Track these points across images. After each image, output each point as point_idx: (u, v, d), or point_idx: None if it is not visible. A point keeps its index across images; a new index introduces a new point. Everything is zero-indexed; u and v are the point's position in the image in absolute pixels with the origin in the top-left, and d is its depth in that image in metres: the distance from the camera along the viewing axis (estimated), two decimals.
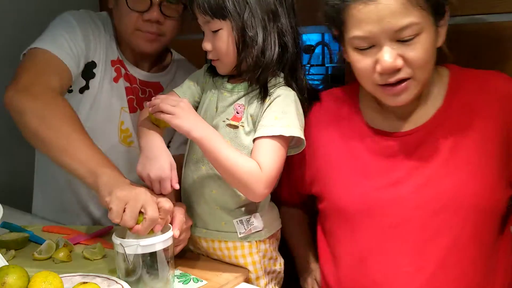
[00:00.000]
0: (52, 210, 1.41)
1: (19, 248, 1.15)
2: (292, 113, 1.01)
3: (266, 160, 0.99)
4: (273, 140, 0.99)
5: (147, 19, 1.19)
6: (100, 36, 1.27)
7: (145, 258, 0.92)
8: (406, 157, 1.00)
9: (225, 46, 1.02)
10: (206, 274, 1.05)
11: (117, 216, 0.90)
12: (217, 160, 0.98)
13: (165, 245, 0.93)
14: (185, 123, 0.97)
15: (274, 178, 1.00)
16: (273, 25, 1.01)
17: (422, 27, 0.91)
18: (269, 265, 1.12)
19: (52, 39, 1.19)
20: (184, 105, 0.98)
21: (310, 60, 1.69)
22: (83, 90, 1.27)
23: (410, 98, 0.97)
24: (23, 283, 0.82)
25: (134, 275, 0.92)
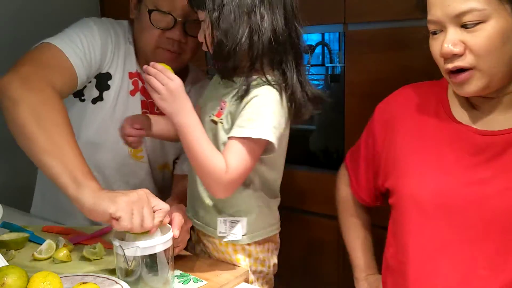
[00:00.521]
0: (51, 209, 1.40)
1: (19, 248, 1.15)
2: (266, 115, 0.98)
3: (232, 162, 0.97)
4: (242, 142, 0.97)
5: (169, 37, 1.17)
6: (120, 47, 1.24)
7: (145, 259, 0.92)
8: (493, 157, 0.94)
9: (206, 36, 1.01)
10: (206, 274, 1.05)
11: (130, 222, 0.88)
12: (189, 150, 0.97)
13: (165, 246, 0.93)
14: (168, 106, 0.95)
15: (238, 179, 1.00)
16: (247, 21, 0.98)
17: (487, 14, 0.87)
18: (255, 264, 1.12)
19: (68, 40, 1.16)
20: (174, 87, 0.95)
21: (310, 60, 1.68)
22: (95, 101, 1.25)
23: (476, 90, 0.92)
24: (22, 283, 0.82)
25: (134, 275, 0.92)
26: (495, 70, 0.90)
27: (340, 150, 1.58)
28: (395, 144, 1.07)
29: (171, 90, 0.95)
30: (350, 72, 1.53)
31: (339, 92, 1.57)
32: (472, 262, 0.94)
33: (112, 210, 0.87)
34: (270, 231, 1.14)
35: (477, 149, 0.96)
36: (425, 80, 1.38)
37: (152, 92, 0.95)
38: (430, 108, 1.05)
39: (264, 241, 1.13)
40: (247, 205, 1.08)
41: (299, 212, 1.69)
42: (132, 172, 1.30)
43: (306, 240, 1.70)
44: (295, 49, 1.05)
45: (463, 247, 0.95)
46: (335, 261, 1.63)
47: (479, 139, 0.96)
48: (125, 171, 1.29)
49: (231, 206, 1.08)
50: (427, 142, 1.02)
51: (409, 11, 1.39)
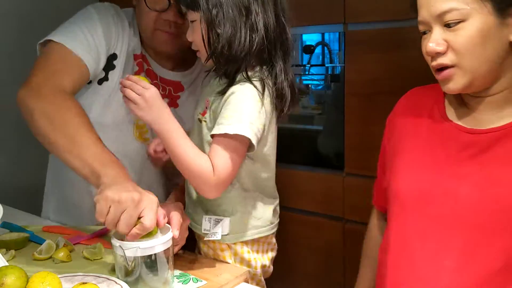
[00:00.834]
0: (65, 206, 1.40)
1: (19, 248, 1.15)
2: (242, 111, 0.99)
3: (219, 161, 0.99)
4: (223, 140, 0.99)
5: (166, 19, 1.19)
6: (124, 29, 1.26)
7: (144, 259, 0.92)
8: (476, 154, 0.97)
9: (198, 37, 1.02)
10: (206, 274, 1.05)
11: (101, 215, 0.91)
12: (174, 155, 0.99)
13: (165, 247, 0.93)
14: (147, 116, 0.98)
15: (227, 181, 1.01)
16: (246, 20, 1.00)
17: (467, 13, 0.89)
18: (241, 264, 1.13)
19: (71, 33, 1.18)
20: (149, 95, 0.98)
21: (310, 60, 1.68)
22: (101, 81, 1.26)
23: (459, 87, 0.94)
24: (21, 283, 0.82)
25: (133, 275, 0.92)
26: (476, 67, 0.92)
27: (340, 150, 1.58)
28: (393, 144, 1.10)
29: (146, 99, 0.97)
30: (350, 72, 1.53)
31: (339, 92, 1.56)
32: (442, 254, 0.97)
33: (96, 197, 0.92)
34: (258, 233, 1.13)
35: (462, 146, 0.98)
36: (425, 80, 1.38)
37: (129, 103, 0.99)
38: (427, 108, 1.08)
39: (253, 241, 1.13)
40: (233, 205, 1.09)
41: (299, 212, 1.69)
42: (138, 154, 1.30)
43: (308, 241, 1.70)
44: (284, 46, 1.06)
45: (435, 239, 0.98)
46: (340, 262, 1.63)
47: (466, 137, 0.99)
48: (130, 152, 1.29)
49: (217, 205, 1.09)
50: (420, 141, 1.05)
51: (409, 11, 1.39)
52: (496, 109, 0.98)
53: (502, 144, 0.95)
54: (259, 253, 1.15)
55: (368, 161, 1.52)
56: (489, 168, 0.95)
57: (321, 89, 1.69)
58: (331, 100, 1.67)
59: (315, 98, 1.71)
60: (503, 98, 0.97)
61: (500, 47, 0.92)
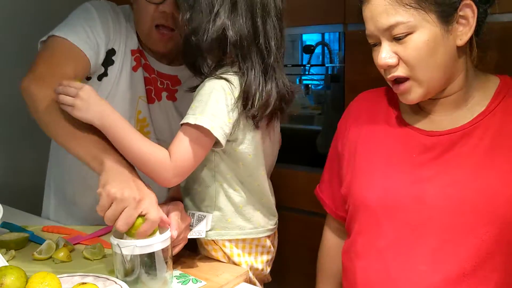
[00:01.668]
0: (65, 205, 1.40)
1: (19, 248, 1.15)
2: (206, 102, 0.99)
3: (176, 149, 0.99)
4: (185, 129, 0.99)
5: (163, 11, 1.20)
6: (121, 25, 1.28)
7: (143, 259, 0.92)
8: (437, 156, 0.98)
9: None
10: (206, 274, 1.05)
11: (102, 210, 0.91)
12: (124, 148, 0.98)
13: (163, 246, 0.93)
14: (87, 114, 0.97)
15: (186, 168, 1.01)
16: (214, 16, 1.00)
17: (413, 25, 0.91)
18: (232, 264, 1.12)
19: (72, 28, 1.20)
20: (84, 94, 0.97)
21: (310, 60, 1.68)
22: (101, 77, 1.28)
23: (417, 98, 0.97)
24: (21, 284, 0.82)
25: (132, 275, 0.92)
26: (430, 76, 0.95)
27: None
28: (348, 151, 1.11)
29: (82, 98, 0.97)
30: (350, 72, 1.53)
31: (339, 92, 1.56)
32: (413, 259, 0.97)
33: (98, 190, 0.92)
34: (244, 234, 1.11)
35: (423, 149, 1.00)
36: None
37: (66, 108, 0.98)
38: (381, 113, 1.09)
39: (243, 243, 1.12)
40: (215, 201, 1.08)
41: (299, 212, 1.69)
42: None
43: (308, 241, 1.70)
44: (261, 49, 1.03)
45: (408, 244, 0.98)
46: None
47: (426, 139, 1.00)
48: None
49: (201, 200, 1.09)
50: (379, 147, 1.06)
51: None
52: (452, 109, 1.00)
53: (462, 144, 0.96)
54: (251, 256, 1.13)
55: None
56: (452, 169, 0.96)
57: (321, 89, 1.69)
58: (331, 100, 1.67)
59: (315, 98, 1.71)
60: (458, 98, 0.99)
61: (449, 53, 0.94)
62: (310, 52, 1.67)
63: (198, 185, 1.09)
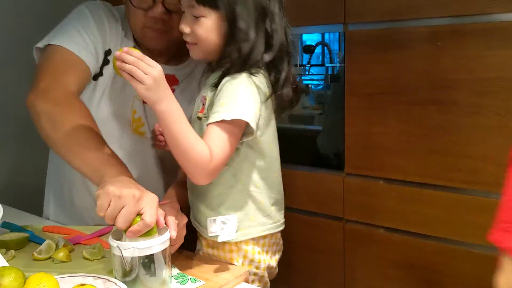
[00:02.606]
0: (64, 206, 1.39)
1: (19, 248, 1.15)
2: (237, 96, 0.99)
3: (215, 148, 0.97)
4: (220, 126, 0.98)
5: (152, 16, 1.20)
6: (117, 25, 1.28)
7: (142, 260, 0.91)
8: None
9: (207, 34, 1.02)
10: (205, 274, 1.05)
11: (101, 210, 0.91)
12: (173, 137, 0.96)
13: (163, 247, 0.93)
14: (153, 95, 0.92)
15: (221, 166, 1.00)
16: (263, 23, 1.01)
17: None
18: (250, 266, 1.11)
19: (69, 35, 1.20)
20: (156, 75, 0.92)
21: (310, 60, 1.68)
22: (97, 77, 1.27)
23: None
24: (18, 284, 0.82)
25: (131, 276, 0.92)
26: None
27: (340, 150, 1.58)
28: None
29: (154, 78, 0.91)
30: (350, 72, 1.53)
31: (339, 92, 1.56)
32: None
33: (97, 192, 0.93)
34: (266, 230, 1.12)
35: None
36: (425, 80, 1.39)
37: (134, 82, 0.92)
38: None
39: (263, 240, 1.12)
40: (238, 201, 1.08)
41: (299, 212, 1.69)
42: (135, 149, 1.30)
43: (308, 241, 1.70)
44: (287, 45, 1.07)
45: None
46: (340, 262, 1.63)
47: None
48: (126, 145, 1.30)
49: (221, 203, 1.08)
50: None
51: (409, 11, 1.39)
52: None
53: None
54: (267, 254, 1.14)
55: (368, 161, 1.52)
56: None
57: (321, 89, 1.69)
58: (331, 100, 1.67)
59: (315, 98, 1.71)
60: None
61: None
62: (310, 52, 1.68)
63: (218, 189, 1.08)
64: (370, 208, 1.53)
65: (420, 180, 1.43)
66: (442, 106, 1.36)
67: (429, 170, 1.40)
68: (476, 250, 1.35)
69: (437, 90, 1.36)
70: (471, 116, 1.31)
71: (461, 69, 1.31)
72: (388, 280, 1.53)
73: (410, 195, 1.45)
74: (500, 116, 1.27)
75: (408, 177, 1.45)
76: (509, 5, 1.22)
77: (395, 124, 1.45)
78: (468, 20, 1.29)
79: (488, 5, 1.25)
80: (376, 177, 1.52)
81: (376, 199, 1.52)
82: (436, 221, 1.41)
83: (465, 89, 1.32)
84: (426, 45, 1.37)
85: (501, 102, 1.27)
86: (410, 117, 1.42)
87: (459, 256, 1.38)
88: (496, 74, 1.26)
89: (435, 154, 1.39)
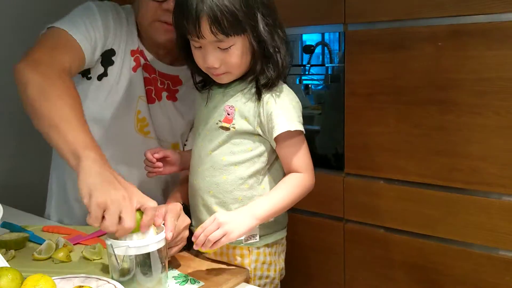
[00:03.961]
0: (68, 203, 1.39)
1: (19, 248, 1.15)
2: (289, 108, 1.04)
3: (302, 164, 1.07)
4: (295, 138, 1.05)
5: (166, 9, 1.19)
6: (122, 25, 1.28)
7: (137, 259, 0.91)
8: None
9: (239, 60, 1.02)
10: (205, 275, 1.05)
11: (96, 221, 0.88)
12: (283, 209, 1.06)
13: (158, 246, 0.93)
14: (242, 227, 0.99)
15: (313, 168, 1.10)
16: (280, 30, 1.04)
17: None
18: (262, 269, 1.10)
19: (72, 22, 1.20)
20: (224, 218, 0.98)
21: (310, 60, 1.68)
22: (101, 77, 1.28)
23: None
24: (16, 285, 0.81)
25: (127, 275, 0.91)
26: None
27: (340, 150, 1.58)
28: None
29: (225, 222, 0.98)
30: (350, 72, 1.53)
31: (339, 92, 1.56)
32: None
33: (85, 201, 0.88)
34: (280, 234, 1.13)
35: None
36: (425, 80, 1.39)
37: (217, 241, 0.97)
38: None
39: (273, 243, 1.12)
40: None
41: (299, 212, 1.69)
42: (138, 147, 1.29)
43: (309, 241, 1.70)
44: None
45: None
46: (340, 262, 1.63)
47: None
48: (132, 148, 1.29)
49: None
50: None
51: (409, 11, 1.39)
52: None
53: None
54: (276, 255, 1.14)
55: (368, 161, 1.52)
56: None
57: (321, 89, 1.69)
58: (331, 100, 1.67)
59: (315, 98, 1.71)
60: None
61: None
62: (310, 52, 1.67)
63: (240, 192, 1.07)
64: (370, 208, 1.53)
65: (420, 180, 1.43)
66: (442, 106, 1.36)
67: (429, 170, 1.40)
68: (476, 250, 1.35)
69: (437, 90, 1.36)
70: (471, 116, 1.31)
71: (461, 69, 1.31)
72: (388, 280, 1.53)
73: (410, 195, 1.45)
74: (500, 116, 1.27)
75: (408, 177, 1.45)
76: (509, 5, 1.22)
77: (395, 124, 1.45)
78: (468, 20, 1.29)
79: (488, 5, 1.25)
80: (376, 177, 1.52)
81: (376, 199, 1.52)
82: (436, 221, 1.41)
83: (465, 89, 1.32)
84: (426, 45, 1.37)
85: (501, 102, 1.27)
86: (410, 117, 1.42)
87: (459, 256, 1.38)
88: (496, 74, 1.26)
89: (435, 154, 1.39)
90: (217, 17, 0.95)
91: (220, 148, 1.07)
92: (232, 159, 1.06)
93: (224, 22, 0.96)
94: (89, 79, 1.27)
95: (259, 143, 1.06)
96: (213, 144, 1.08)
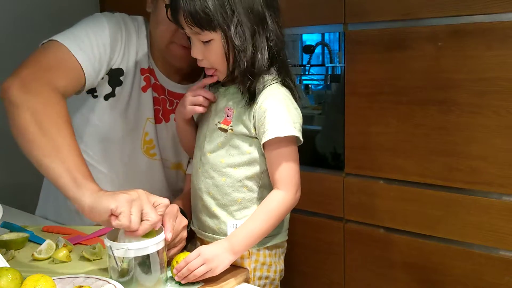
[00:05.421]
0: (57, 211, 1.39)
1: (19, 248, 1.15)
2: (281, 113, 1.02)
3: (284, 179, 1.03)
4: (285, 148, 1.03)
5: (183, 32, 1.13)
6: (131, 43, 1.23)
7: (136, 260, 0.91)
8: None
9: (218, 56, 1.02)
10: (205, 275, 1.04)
11: (128, 219, 0.88)
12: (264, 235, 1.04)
13: (157, 247, 0.92)
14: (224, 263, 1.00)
15: (298, 181, 1.06)
16: (262, 31, 1.02)
17: None
18: (261, 270, 1.10)
19: (76, 36, 1.13)
20: (207, 253, 0.98)
21: (310, 60, 1.68)
22: (108, 97, 1.24)
23: None
24: (15, 285, 0.81)
25: (126, 276, 0.91)
26: None
27: (340, 150, 1.58)
28: None
29: (208, 260, 0.98)
30: (350, 72, 1.53)
31: (339, 92, 1.56)
32: None
33: (113, 205, 0.88)
34: (281, 237, 1.13)
35: None
36: (425, 80, 1.39)
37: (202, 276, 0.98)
38: None
39: (273, 246, 1.12)
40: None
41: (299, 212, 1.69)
42: (145, 170, 1.29)
43: (308, 241, 1.70)
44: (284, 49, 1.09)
45: None
46: (340, 262, 1.63)
47: None
48: (137, 169, 1.29)
49: (239, 211, 1.08)
50: None
51: (409, 11, 1.39)
52: None
53: None
54: (276, 257, 1.13)
55: (368, 161, 1.52)
56: None
57: (321, 89, 1.69)
58: (331, 100, 1.67)
59: (315, 98, 1.71)
60: None
61: None
62: (310, 52, 1.67)
63: (241, 196, 1.08)
64: (370, 208, 1.53)
65: (420, 180, 1.43)
66: (442, 106, 1.36)
67: (429, 170, 1.40)
68: (476, 250, 1.35)
69: (437, 90, 1.36)
70: (471, 116, 1.31)
71: (461, 69, 1.31)
72: (388, 280, 1.53)
73: (410, 195, 1.45)
74: (500, 116, 1.27)
75: (408, 177, 1.45)
76: (509, 5, 1.22)
77: (395, 124, 1.45)
78: (468, 20, 1.29)
79: (488, 5, 1.25)
80: (376, 177, 1.52)
81: (376, 199, 1.52)
82: (436, 221, 1.41)
83: (465, 89, 1.32)
84: (426, 45, 1.37)
85: (501, 102, 1.27)
86: (410, 117, 1.42)
87: (459, 256, 1.38)
88: (496, 74, 1.26)
89: (435, 154, 1.39)
90: (191, 10, 0.97)
91: (219, 150, 1.07)
92: (230, 161, 1.06)
93: (197, 16, 0.98)
94: (95, 97, 1.24)
95: (256, 146, 1.06)
96: (212, 145, 1.08)
